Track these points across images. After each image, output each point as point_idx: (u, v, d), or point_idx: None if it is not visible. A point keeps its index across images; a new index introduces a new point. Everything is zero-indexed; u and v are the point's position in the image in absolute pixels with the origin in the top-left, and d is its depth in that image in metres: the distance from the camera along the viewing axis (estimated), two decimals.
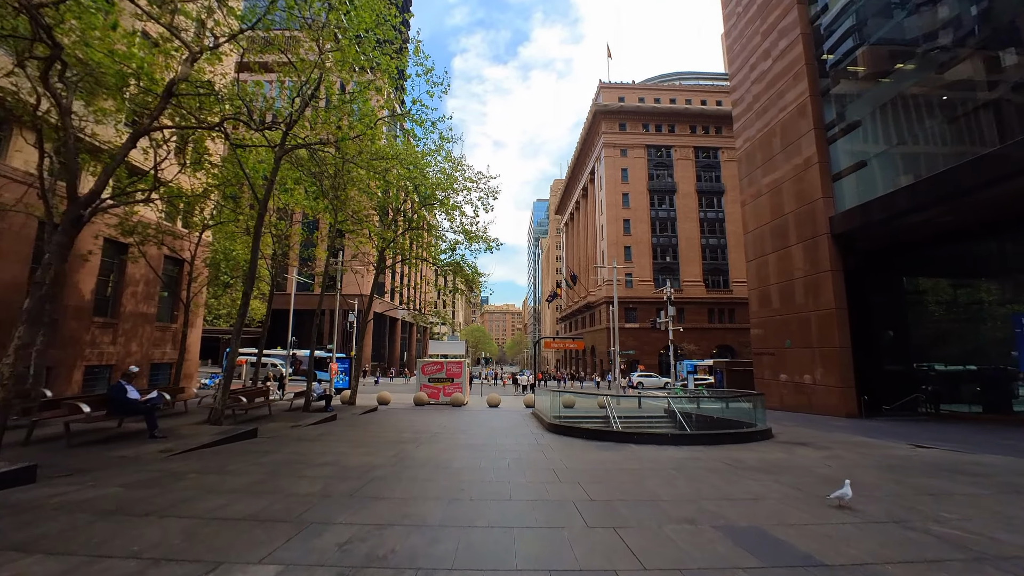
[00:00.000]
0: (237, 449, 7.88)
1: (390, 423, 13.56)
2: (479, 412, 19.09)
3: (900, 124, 16.97)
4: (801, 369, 19.80)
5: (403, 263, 22.43)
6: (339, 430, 11.37)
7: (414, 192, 20.11)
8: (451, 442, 9.83)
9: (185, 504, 4.56)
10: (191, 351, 23.38)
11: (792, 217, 20.55)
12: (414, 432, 11.31)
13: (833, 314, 17.99)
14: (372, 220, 19.57)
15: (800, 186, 20.01)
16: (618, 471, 6.73)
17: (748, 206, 24.52)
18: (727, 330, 54.43)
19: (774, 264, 21.81)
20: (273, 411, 14.41)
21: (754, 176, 23.74)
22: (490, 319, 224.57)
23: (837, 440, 10.34)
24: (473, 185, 20.27)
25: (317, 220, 20.98)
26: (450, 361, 23.85)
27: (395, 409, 19.49)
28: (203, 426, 10.00)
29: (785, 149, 21.11)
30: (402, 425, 13.10)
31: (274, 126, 10.49)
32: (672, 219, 56.68)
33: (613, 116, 58.05)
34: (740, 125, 25.61)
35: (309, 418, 13.03)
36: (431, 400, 23.01)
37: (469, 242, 20.58)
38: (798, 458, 7.93)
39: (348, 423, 13.05)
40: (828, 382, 18.18)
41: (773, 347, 21.90)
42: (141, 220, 16.79)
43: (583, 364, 66.05)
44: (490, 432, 11.77)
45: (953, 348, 19.14)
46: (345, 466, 6.78)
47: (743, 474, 6.61)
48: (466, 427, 12.90)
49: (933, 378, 18.60)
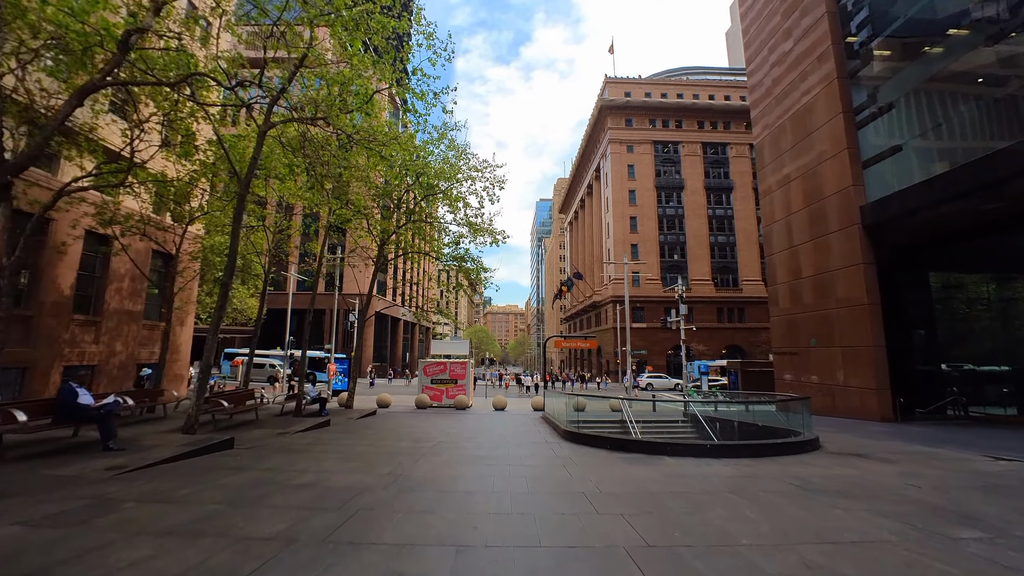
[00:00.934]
0: (203, 465, 6.65)
1: (389, 429, 12.33)
2: (485, 416, 17.83)
3: (938, 106, 15.67)
4: (828, 369, 18.48)
5: (404, 257, 21.19)
6: (331, 438, 10.13)
7: (416, 184, 18.91)
8: (456, 453, 8.60)
9: (90, 556, 3.31)
10: (181, 351, 22.24)
11: (818, 208, 19.23)
12: (414, 440, 10.07)
13: (866, 310, 16.67)
14: (372, 212, 18.36)
15: (827, 175, 18.69)
16: (665, 496, 5.46)
17: (767, 198, 23.22)
18: (736, 330, 53.05)
19: (797, 258, 20.48)
20: (262, 416, 13.19)
21: (774, 166, 22.43)
22: (493, 319, 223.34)
23: (896, 450, 9.04)
24: (478, 174, 19.04)
25: (317, 214, 19.79)
26: (453, 361, 22.61)
27: (395, 413, 18.25)
28: (173, 435, 8.78)
29: (809, 136, 19.80)
30: (402, 431, 11.86)
31: (248, 84, 9.27)
32: (680, 216, 55.34)
33: (619, 111, 56.75)
34: (758, 112, 24.30)
35: (299, 424, 11.80)
36: (433, 403, 21.77)
37: (474, 235, 19.35)
38: (871, 475, 6.66)
39: (342, 429, 11.81)
40: (860, 383, 16.85)
41: (796, 346, 20.57)
42: (123, 210, 15.66)
43: (588, 365, 64.72)
44: (499, 440, 10.54)
45: (982, 347, 17.82)
46: (328, 488, 5.53)
47: (820, 499, 5.34)
48: (472, 434, 11.67)
49: (959, 379, 17.35)
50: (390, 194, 17.56)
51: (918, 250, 17.53)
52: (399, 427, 12.92)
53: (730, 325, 53.19)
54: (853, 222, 17.28)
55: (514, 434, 11.63)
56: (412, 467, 7.06)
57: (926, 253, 17.72)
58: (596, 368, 59.00)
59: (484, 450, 8.96)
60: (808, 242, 19.72)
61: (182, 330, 22.58)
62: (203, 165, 16.11)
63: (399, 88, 11.39)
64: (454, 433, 11.60)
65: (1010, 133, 13.27)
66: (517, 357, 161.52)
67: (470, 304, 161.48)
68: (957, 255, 17.96)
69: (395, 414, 17.47)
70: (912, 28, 16.31)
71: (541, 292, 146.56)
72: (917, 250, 17.53)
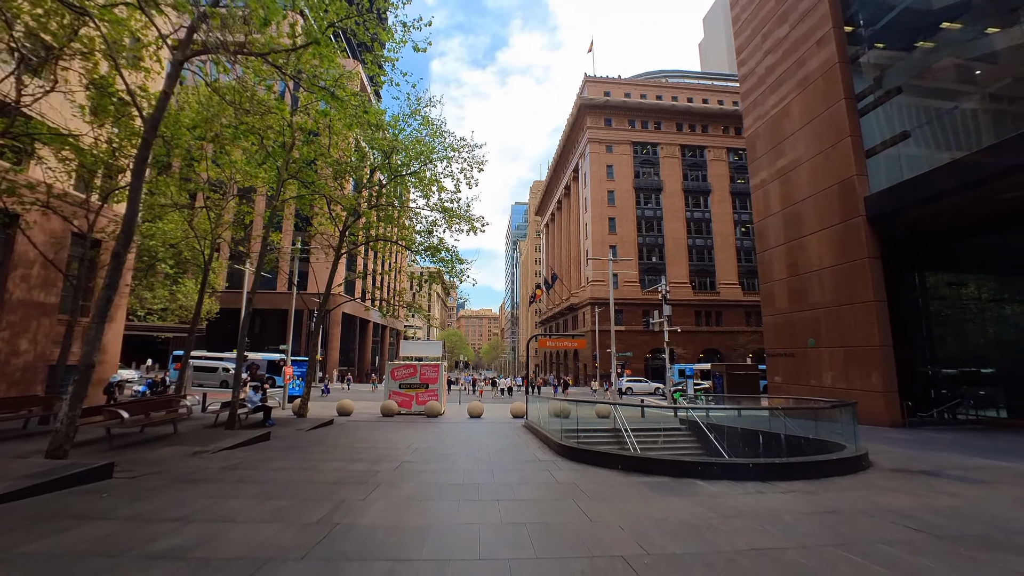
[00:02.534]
0: (36, 510, 4.39)
1: (343, 444, 10.10)
2: (460, 425, 15.72)
3: (948, 90, 14.75)
4: (828, 371, 17.31)
5: (371, 248, 18.83)
6: (262, 459, 7.86)
7: (384, 164, 16.71)
8: (425, 481, 6.54)
9: None
10: (107, 351, 19.21)
11: (815, 201, 18.15)
12: (372, 461, 7.91)
13: (872, 308, 15.55)
14: (331, 191, 16.00)
15: (826, 166, 17.63)
16: (746, 555, 3.59)
17: (760, 192, 22.14)
18: (714, 333, 52.69)
19: (792, 254, 19.37)
20: (185, 429, 10.66)
21: (768, 158, 21.38)
22: (467, 323, 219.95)
23: (964, 465, 7.56)
24: (455, 154, 17.01)
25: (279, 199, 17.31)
26: (424, 364, 20.36)
27: (357, 422, 15.89)
28: (28, 460, 6.34)
29: (806, 125, 18.76)
30: (359, 447, 9.67)
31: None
32: (658, 218, 54.76)
33: (599, 111, 55.86)
34: (749, 103, 23.31)
35: (229, 439, 9.41)
36: (402, 409, 19.47)
37: (449, 222, 17.29)
38: (983, 505, 5.06)
39: (283, 445, 9.51)
40: (865, 386, 15.67)
41: (792, 347, 19.40)
42: (24, 179, 12.90)
43: (564, 369, 63.20)
44: (480, 457, 8.52)
45: (981, 349, 17.07)
46: (202, 563, 3.39)
47: (962, 550, 3.64)
48: (446, 448, 9.61)
49: (960, 381, 16.53)
50: (352, 171, 15.26)
51: (920, 246, 16.62)
52: (357, 440, 10.69)
53: (707, 328, 52.78)
54: (857, 214, 16.19)
55: (498, 449, 9.62)
56: (359, 509, 4.96)
57: (928, 250, 16.85)
58: (573, 372, 57.52)
59: (462, 474, 6.93)
60: (806, 236, 18.60)
61: (109, 327, 19.53)
62: (126, 127, 13.50)
63: (360, 28, 9.26)
64: (424, 449, 9.50)
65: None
66: (491, 361, 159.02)
67: (443, 307, 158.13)
68: (959, 253, 17.14)
69: (357, 424, 15.12)
70: (921, 6, 15.38)
71: (516, 296, 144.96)
72: (919, 246, 16.61)
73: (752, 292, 54.70)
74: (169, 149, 12.74)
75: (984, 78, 14.00)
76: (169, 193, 16.38)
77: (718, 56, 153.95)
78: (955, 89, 14.74)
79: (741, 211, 56.48)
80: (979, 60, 14.03)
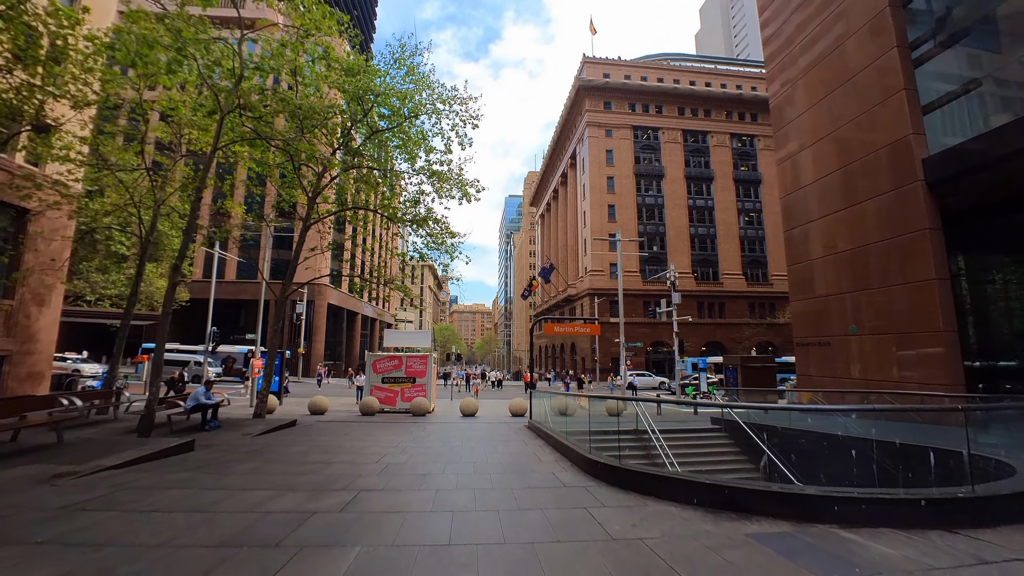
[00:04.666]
0: None
1: (292, 456, 7.65)
2: (451, 426, 13.30)
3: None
4: (874, 362, 15.11)
5: (347, 220, 16.22)
6: (149, 487, 5.42)
7: (362, 122, 14.15)
8: (383, 538, 4.13)
9: None
10: (39, 340, 16.55)
11: (858, 168, 15.89)
12: (315, 487, 5.49)
13: (933, 287, 13.34)
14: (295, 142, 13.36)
15: (874, 127, 15.35)
16: None
17: (786, 164, 19.88)
18: (717, 325, 50.73)
19: (828, 231, 17.14)
20: (87, 436, 8.09)
21: (796, 125, 19.09)
22: (460, 319, 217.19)
23: None
24: (445, 108, 14.45)
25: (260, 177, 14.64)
26: (411, 356, 17.89)
27: (328, 423, 13.40)
28: None
29: (848, 82, 16.46)
30: (310, 461, 7.23)
31: None
32: (660, 206, 52.54)
33: (598, 93, 53.33)
34: (775, 67, 20.95)
35: (129, 451, 6.90)
36: (385, 407, 17.04)
37: (438, 188, 14.76)
38: None
39: (206, 459, 7.04)
40: (923, 378, 13.50)
41: (827, 335, 17.19)
42: None
43: (561, 362, 61.00)
44: (478, 480, 6.13)
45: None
46: None
47: None
48: (430, 463, 7.21)
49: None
50: (320, 121, 12.61)
51: (975, 219, 14.37)
52: (313, 450, 8.25)
53: (711, 321, 50.80)
54: (913, 179, 13.93)
55: (501, 465, 7.22)
56: None
57: (983, 224, 14.62)
58: (571, 366, 55.31)
59: (447, 523, 4.50)
60: (847, 209, 16.34)
61: (41, 312, 16.84)
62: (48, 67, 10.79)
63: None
64: (399, 464, 7.07)
65: None
66: (484, 356, 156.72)
67: (436, 302, 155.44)
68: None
69: (326, 426, 12.63)
70: None
71: (510, 291, 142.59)
72: (976, 218, 14.37)
73: (756, 283, 52.82)
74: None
75: None
76: (113, 153, 13.67)
77: (715, 47, 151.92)
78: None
79: (745, 199, 54.47)
80: None
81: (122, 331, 12.58)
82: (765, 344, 50.22)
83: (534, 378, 36.84)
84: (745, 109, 55.93)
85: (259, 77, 11.94)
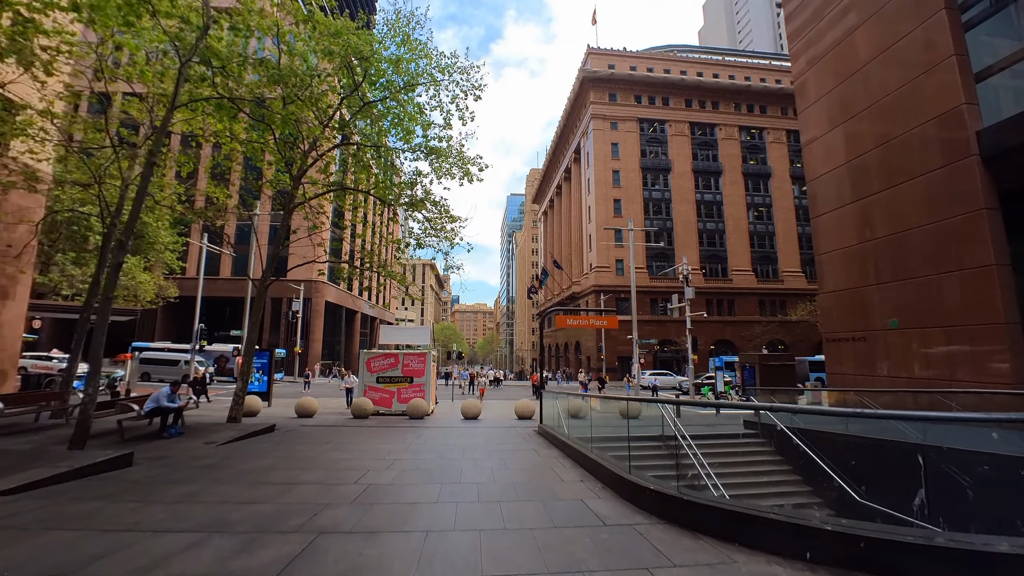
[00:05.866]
0: None
1: (254, 473, 6.27)
2: (451, 431, 11.89)
3: None
4: (919, 358, 13.64)
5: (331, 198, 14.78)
6: (53, 518, 4.03)
7: (353, 95, 12.77)
8: None
9: None
10: (5, 335, 15.33)
11: (900, 144, 14.44)
12: (267, 519, 4.13)
13: (992, 274, 11.87)
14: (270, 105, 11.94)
15: (918, 98, 13.91)
16: None
17: (813, 146, 18.44)
18: (726, 323, 49.22)
19: (863, 215, 15.70)
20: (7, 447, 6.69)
21: (823, 104, 17.67)
22: (462, 318, 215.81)
23: None
24: (444, 78, 13.04)
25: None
26: (408, 353, 16.49)
27: (314, 427, 12.01)
28: None
29: (885, 52, 15.03)
30: (274, 479, 5.85)
31: None
32: (667, 200, 51.03)
33: (603, 85, 51.86)
34: (800, 43, 19.49)
35: (47, 468, 5.49)
36: (379, 408, 15.66)
37: (437, 168, 13.36)
38: None
39: (153, 479, 5.66)
40: (979, 375, 12.02)
41: (863, 329, 15.73)
42: None
43: (566, 362, 59.54)
44: (490, 517, 4.71)
45: None
46: None
47: None
48: (423, 486, 5.82)
49: None
50: (298, 86, 11.18)
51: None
52: (281, 464, 6.85)
53: (719, 319, 49.27)
54: (966, 153, 12.45)
55: (512, 486, 5.81)
56: None
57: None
58: (575, 365, 53.84)
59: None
60: (886, 191, 14.87)
61: (4, 305, 15.57)
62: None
63: None
64: (385, 487, 5.67)
65: None
66: (486, 356, 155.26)
67: (438, 301, 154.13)
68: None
69: (310, 430, 11.23)
70: None
71: (512, 290, 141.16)
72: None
73: (766, 279, 51.28)
74: None
75: None
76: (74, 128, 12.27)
77: (718, 43, 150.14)
78: None
79: (754, 193, 52.93)
80: None
81: (81, 325, 11.17)
82: (776, 342, 48.67)
83: (545, 377, 34.76)
84: (754, 101, 54.37)
85: (238, 37, 10.55)
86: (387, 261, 15.66)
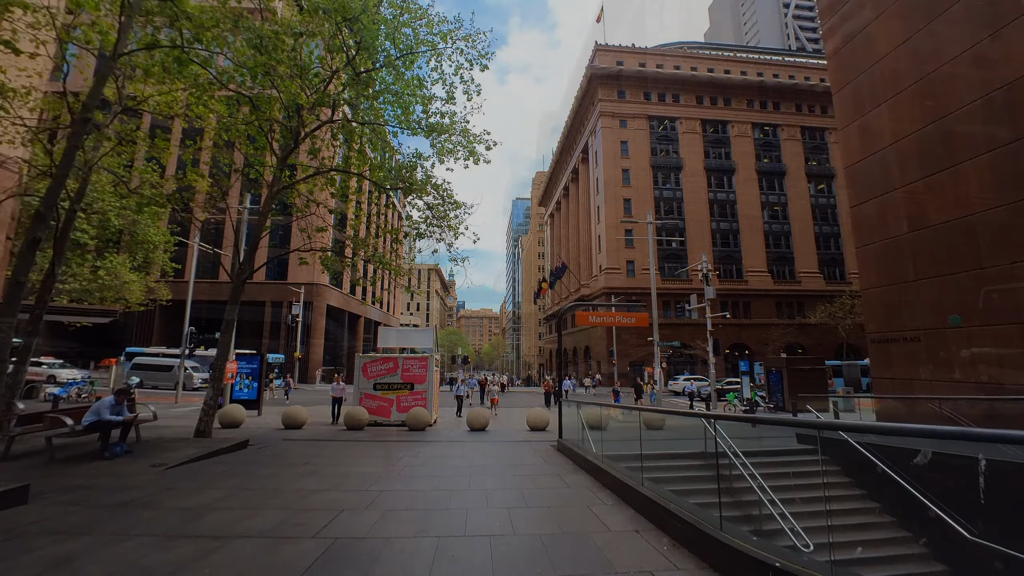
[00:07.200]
0: None
1: (186, 515, 4.74)
2: (455, 446, 10.31)
3: None
4: (992, 360, 11.89)
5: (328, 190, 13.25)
6: None
7: (346, 65, 11.38)
8: None
9: None
10: None
11: (962, 118, 12.75)
12: None
13: None
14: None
15: (983, 64, 12.26)
16: None
17: (849, 129, 16.78)
18: (742, 326, 47.24)
19: (916, 200, 14.02)
20: None
21: (867, 80, 16.03)
22: (467, 323, 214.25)
23: None
24: (446, 45, 11.60)
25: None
26: (408, 358, 14.95)
27: (298, 440, 10.47)
28: None
29: (941, 16, 13.38)
30: (206, 527, 4.32)
31: None
32: (678, 199, 49.34)
33: (611, 82, 50.47)
34: (835, 19, 17.91)
35: None
36: (376, 418, 14.11)
37: (438, 142, 11.87)
38: None
39: (38, 524, 4.15)
40: None
41: (915, 328, 13.99)
42: None
43: (574, 366, 57.72)
44: None
45: None
46: None
47: None
48: (417, 534, 4.29)
49: None
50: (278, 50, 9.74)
51: None
52: (231, 498, 5.32)
53: (735, 321, 47.27)
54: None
55: (540, 542, 4.19)
56: None
57: None
58: (584, 369, 52.04)
59: None
60: (945, 171, 13.17)
61: None
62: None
63: None
64: (358, 543, 4.12)
65: None
66: (492, 361, 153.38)
67: (443, 306, 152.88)
68: None
69: (291, 445, 9.69)
70: None
71: (518, 295, 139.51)
72: None
73: (783, 280, 49.32)
74: None
75: None
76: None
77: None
78: None
79: (769, 192, 51.11)
80: None
81: (34, 324, 9.72)
82: (794, 346, 46.65)
83: (543, 386, 27.16)
84: (767, 97, 52.71)
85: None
86: (385, 252, 14.08)
